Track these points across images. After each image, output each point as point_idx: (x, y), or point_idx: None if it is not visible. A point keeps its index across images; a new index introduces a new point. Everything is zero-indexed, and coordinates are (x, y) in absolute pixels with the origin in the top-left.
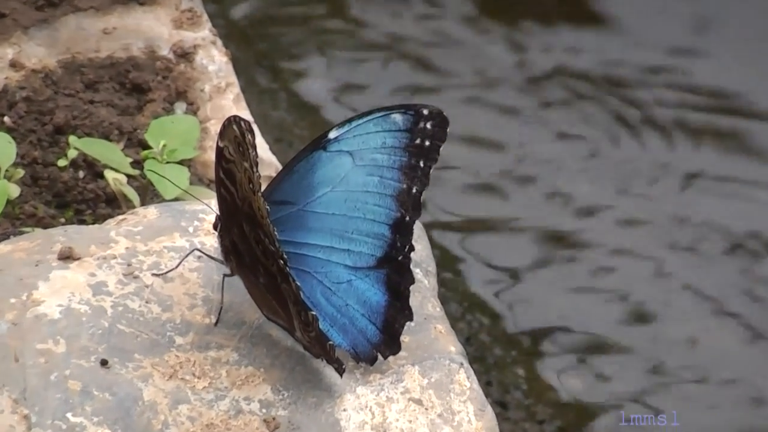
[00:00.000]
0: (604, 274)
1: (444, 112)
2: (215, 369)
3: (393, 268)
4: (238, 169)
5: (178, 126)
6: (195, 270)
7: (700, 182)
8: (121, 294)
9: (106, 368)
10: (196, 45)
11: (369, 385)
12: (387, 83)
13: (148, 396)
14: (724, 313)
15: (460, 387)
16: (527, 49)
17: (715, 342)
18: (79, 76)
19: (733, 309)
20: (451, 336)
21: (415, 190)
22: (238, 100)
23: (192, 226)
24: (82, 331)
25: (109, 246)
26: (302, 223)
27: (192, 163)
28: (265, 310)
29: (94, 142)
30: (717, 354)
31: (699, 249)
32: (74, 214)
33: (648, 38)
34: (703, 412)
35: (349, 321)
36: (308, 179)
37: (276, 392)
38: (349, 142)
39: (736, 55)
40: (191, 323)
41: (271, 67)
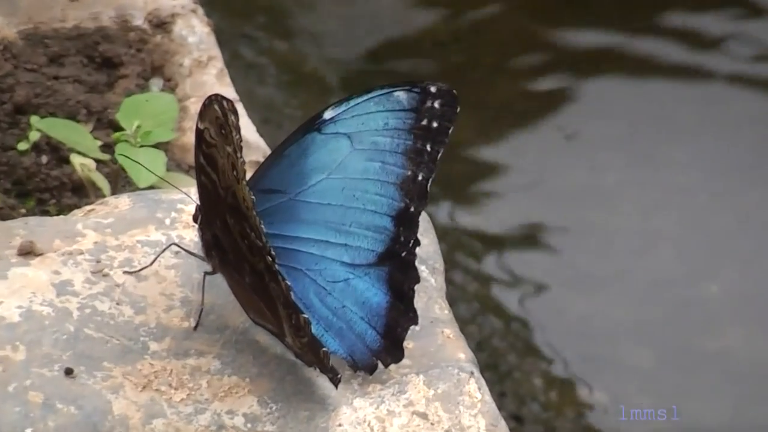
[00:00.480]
0: (631, 275)
1: (453, 90)
2: (195, 379)
3: (396, 266)
4: (221, 155)
5: (154, 105)
6: (172, 267)
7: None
8: (88, 294)
9: (72, 378)
10: (174, 14)
11: (368, 397)
12: (395, 62)
13: (118, 409)
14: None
15: (470, 399)
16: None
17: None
18: (43, 49)
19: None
20: (460, 341)
21: (421, 177)
22: (221, 75)
23: (169, 217)
24: (44, 336)
25: (76, 240)
26: (294, 215)
27: (169, 146)
28: (252, 313)
29: (58, 123)
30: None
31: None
32: (36, 204)
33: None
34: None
35: (346, 325)
36: (300, 165)
37: (263, 405)
38: (347, 124)
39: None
40: (168, 327)
41: (258, 39)
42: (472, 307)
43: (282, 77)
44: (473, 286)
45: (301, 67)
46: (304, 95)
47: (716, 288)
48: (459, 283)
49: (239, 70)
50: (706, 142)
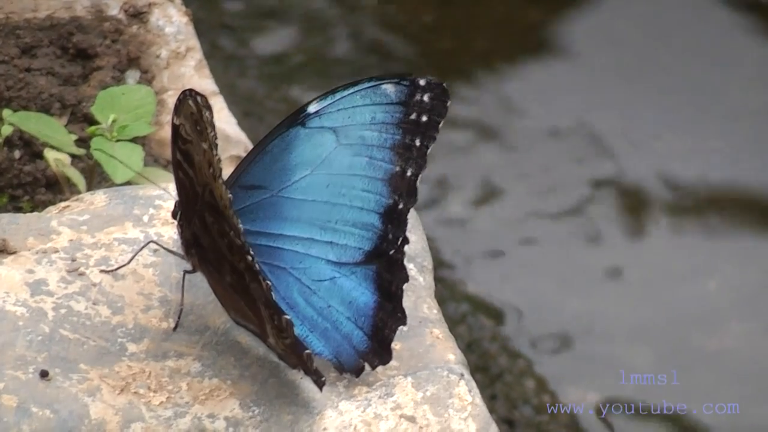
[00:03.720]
0: (625, 275)
1: (444, 83)
2: (174, 381)
3: (384, 264)
4: (197, 151)
5: (130, 98)
6: (150, 266)
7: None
8: (64, 294)
9: (47, 381)
10: (151, 3)
11: (354, 400)
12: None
13: (95, 413)
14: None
15: (460, 402)
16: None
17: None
18: (14, 40)
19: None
20: (449, 342)
21: (410, 173)
22: (200, 67)
23: (147, 214)
24: (18, 338)
25: (50, 238)
26: (277, 212)
27: (146, 141)
28: (233, 313)
29: (31, 116)
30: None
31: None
32: (9, 200)
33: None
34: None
35: (331, 325)
36: (284, 160)
37: (245, 408)
38: (333, 117)
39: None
40: (146, 328)
41: (238, 29)
42: (462, 307)
43: (263, 69)
44: (462, 285)
45: (283, 58)
46: (286, 87)
47: (714, 285)
48: (448, 281)
49: (219, 62)
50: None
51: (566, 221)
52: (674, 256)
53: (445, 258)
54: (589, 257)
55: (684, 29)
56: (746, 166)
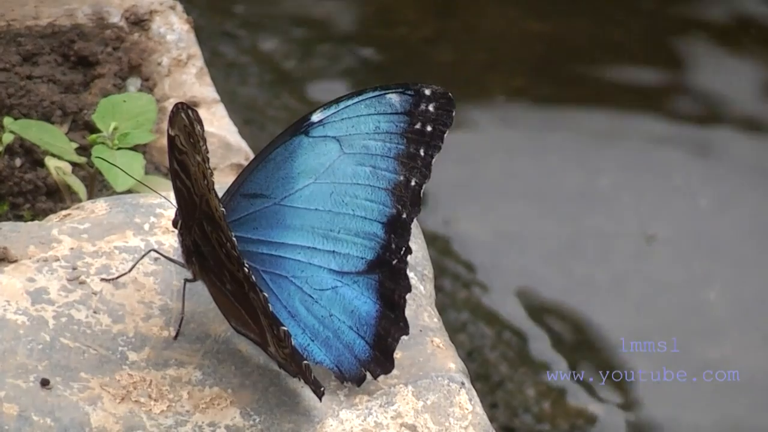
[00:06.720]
0: (630, 281)
1: (449, 93)
2: (175, 390)
3: (386, 274)
4: (192, 162)
5: (132, 106)
6: (151, 274)
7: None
8: (64, 302)
9: (48, 389)
10: (152, 11)
11: (354, 409)
12: (383, 63)
13: (96, 421)
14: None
15: (460, 410)
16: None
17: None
18: (15, 48)
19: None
20: (450, 351)
21: (414, 182)
22: (201, 74)
23: (148, 222)
24: (18, 346)
25: (51, 246)
26: (279, 220)
27: (148, 149)
28: (234, 321)
29: (32, 124)
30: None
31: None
32: (10, 208)
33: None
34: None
35: (333, 334)
36: (287, 169)
37: (246, 417)
38: (336, 127)
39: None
40: (147, 336)
41: (239, 37)
42: (462, 316)
43: (264, 77)
44: (463, 294)
45: (285, 66)
46: (288, 96)
47: (714, 295)
48: (448, 290)
49: (220, 69)
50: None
51: (567, 227)
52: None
53: (446, 266)
54: (591, 267)
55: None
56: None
